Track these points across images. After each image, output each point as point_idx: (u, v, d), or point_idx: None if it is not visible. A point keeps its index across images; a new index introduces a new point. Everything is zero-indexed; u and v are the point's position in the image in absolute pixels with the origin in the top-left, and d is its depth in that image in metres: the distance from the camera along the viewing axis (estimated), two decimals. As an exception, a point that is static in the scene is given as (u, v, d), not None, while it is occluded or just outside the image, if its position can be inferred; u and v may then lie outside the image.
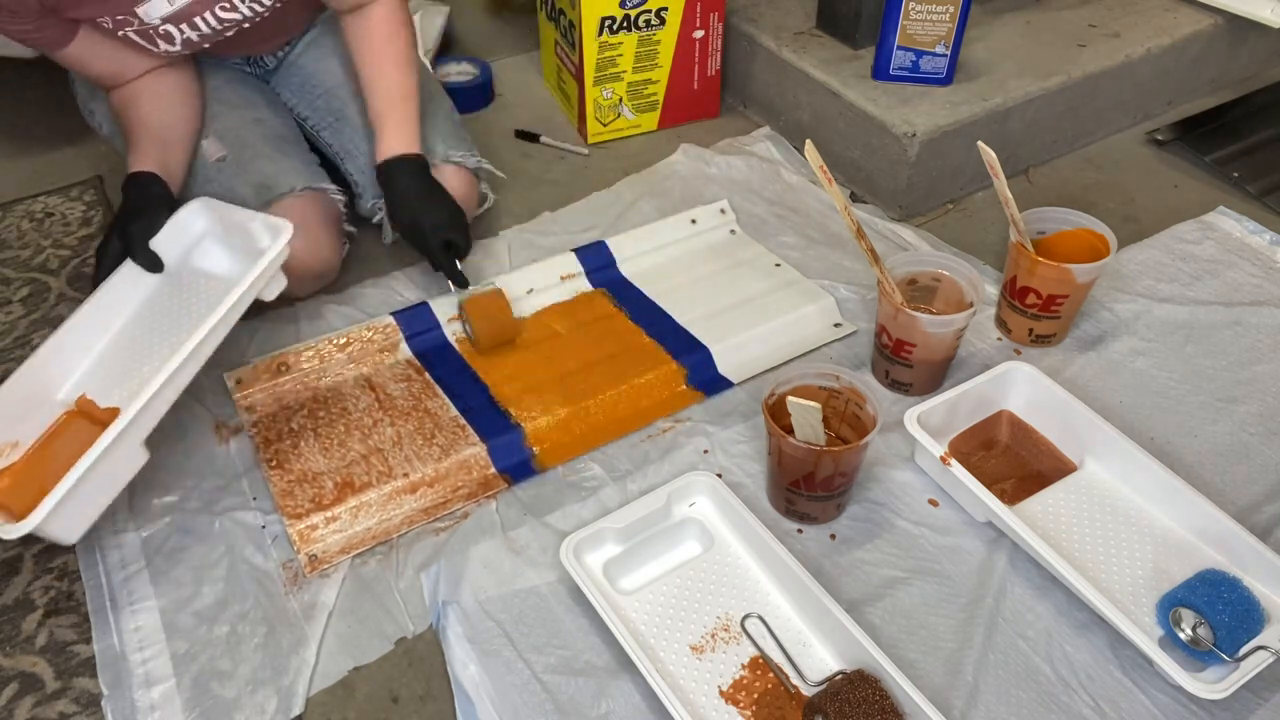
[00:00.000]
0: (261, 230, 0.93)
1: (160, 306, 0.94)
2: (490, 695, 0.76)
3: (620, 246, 1.16)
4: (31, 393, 0.86)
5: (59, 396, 0.88)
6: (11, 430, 0.83)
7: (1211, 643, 0.75)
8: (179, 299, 0.94)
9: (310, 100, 1.17)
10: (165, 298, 0.94)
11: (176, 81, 1.04)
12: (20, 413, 0.84)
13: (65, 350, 0.88)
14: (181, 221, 0.96)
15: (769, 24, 1.41)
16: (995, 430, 0.96)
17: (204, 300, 0.93)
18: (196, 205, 0.96)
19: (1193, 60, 1.42)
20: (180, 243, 0.96)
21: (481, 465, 0.94)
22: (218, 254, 0.97)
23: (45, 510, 0.73)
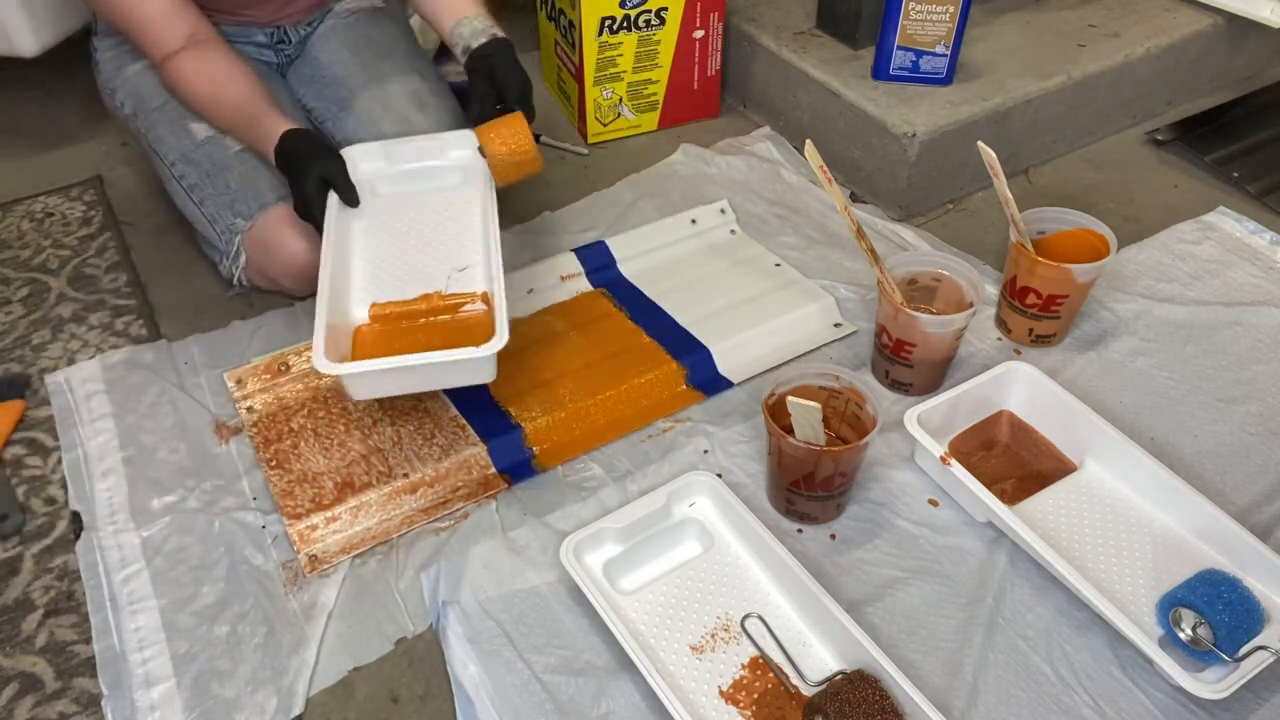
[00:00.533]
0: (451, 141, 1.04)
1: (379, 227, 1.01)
2: (490, 695, 0.76)
3: (620, 246, 1.16)
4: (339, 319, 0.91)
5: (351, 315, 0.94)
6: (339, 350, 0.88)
7: (1211, 643, 0.75)
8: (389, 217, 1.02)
9: (318, 89, 1.18)
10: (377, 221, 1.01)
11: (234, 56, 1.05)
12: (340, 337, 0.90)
13: (340, 277, 0.93)
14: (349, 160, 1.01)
15: (769, 24, 1.41)
16: (995, 430, 0.96)
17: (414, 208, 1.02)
18: (356, 148, 1.03)
19: (1193, 60, 1.42)
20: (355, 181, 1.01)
21: (481, 465, 0.94)
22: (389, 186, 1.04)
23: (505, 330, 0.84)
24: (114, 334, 1.09)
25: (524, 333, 1.07)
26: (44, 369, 1.05)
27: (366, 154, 1.03)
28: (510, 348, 1.04)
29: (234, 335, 1.08)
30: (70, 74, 1.15)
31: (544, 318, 1.09)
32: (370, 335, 0.93)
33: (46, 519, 0.91)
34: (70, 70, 1.17)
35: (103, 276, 1.18)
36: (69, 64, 1.22)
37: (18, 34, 1.32)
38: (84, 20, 1.38)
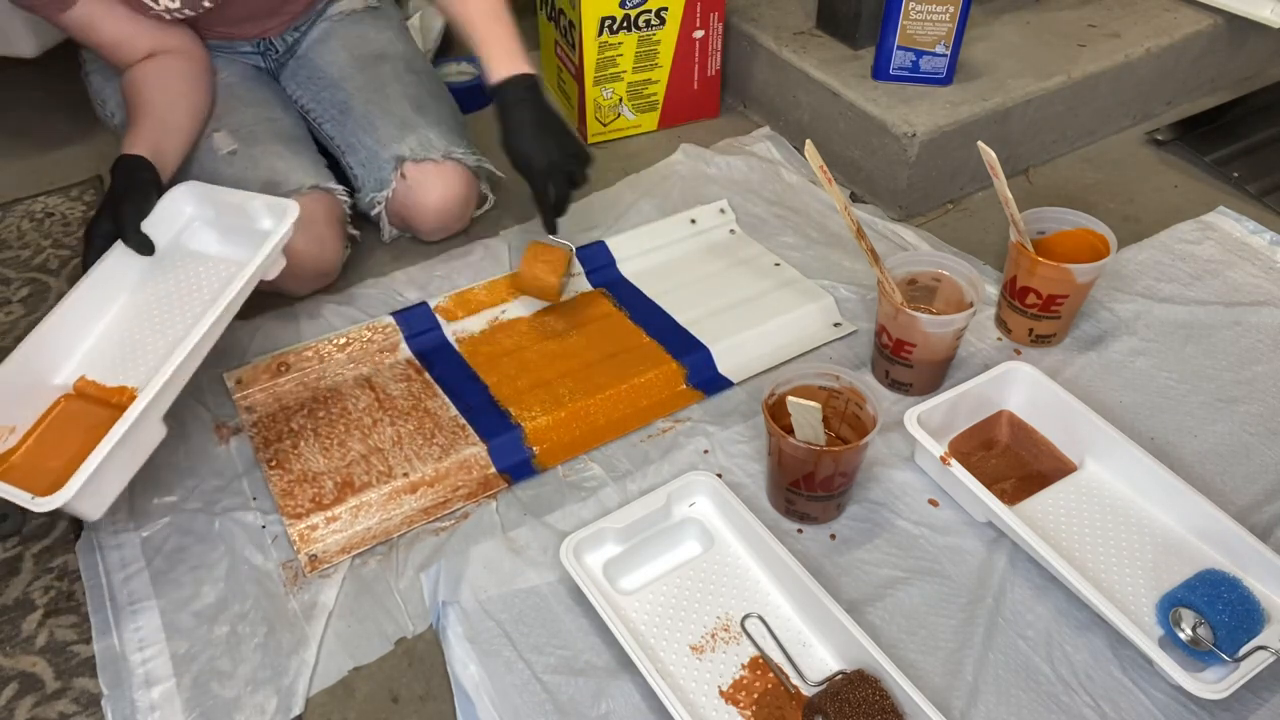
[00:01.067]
0: (262, 209, 0.94)
1: (155, 288, 0.94)
2: (490, 695, 0.76)
3: (620, 246, 1.16)
4: (27, 377, 0.85)
5: (56, 380, 0.88)
6: (8, 414, 0.83)
7: (1211, 643, 0.75)
8: (173, 280, 0.94)
9: (316, 93, 1.18)
10: (158, 279, 0.94)
11: (186, 70, 1.05)
12: (16, 397, 0.84)
13: (60, 334, 0.88)
14: (170, 204, 0.96)
15: (769, 24, 1.41)
16: (995, 430, 0.96)
17: (201, 281, 0.94)
18: (184, 188, 0.97)
19: (1193, 60, 1.42)
20: (169, 225, 0.96)
21: (481, 465, 0.94)
22: (208, 236, 0.97)
23: (78, 484, 0.73)
24: (114, 334, 1.09)
25: (524, 332, 1.07)
26: (44, 369, 1.05)
27: (195, 197, 0.97)
28: (510, 347, 1.05)
29: (233, 335, 1.08)
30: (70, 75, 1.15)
31: (544, 318, 1.09)
32: (69, 410, 0.85)
33: (46, 519, 0.91)
34: (70, 71, 1.18)
35: (103, 276, 1.18)
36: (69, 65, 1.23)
37: (18, 35, 1.32)
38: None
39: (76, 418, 0.85)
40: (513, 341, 1.06)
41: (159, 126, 0.99)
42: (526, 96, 1.01)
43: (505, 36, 1.03)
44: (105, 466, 0.76)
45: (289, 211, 0.92)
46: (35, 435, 0.84)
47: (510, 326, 1.08)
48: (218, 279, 0.93)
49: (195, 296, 0.92)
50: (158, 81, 1.02)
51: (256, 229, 0.94)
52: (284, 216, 0.92)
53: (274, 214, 0.94)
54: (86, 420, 0.84)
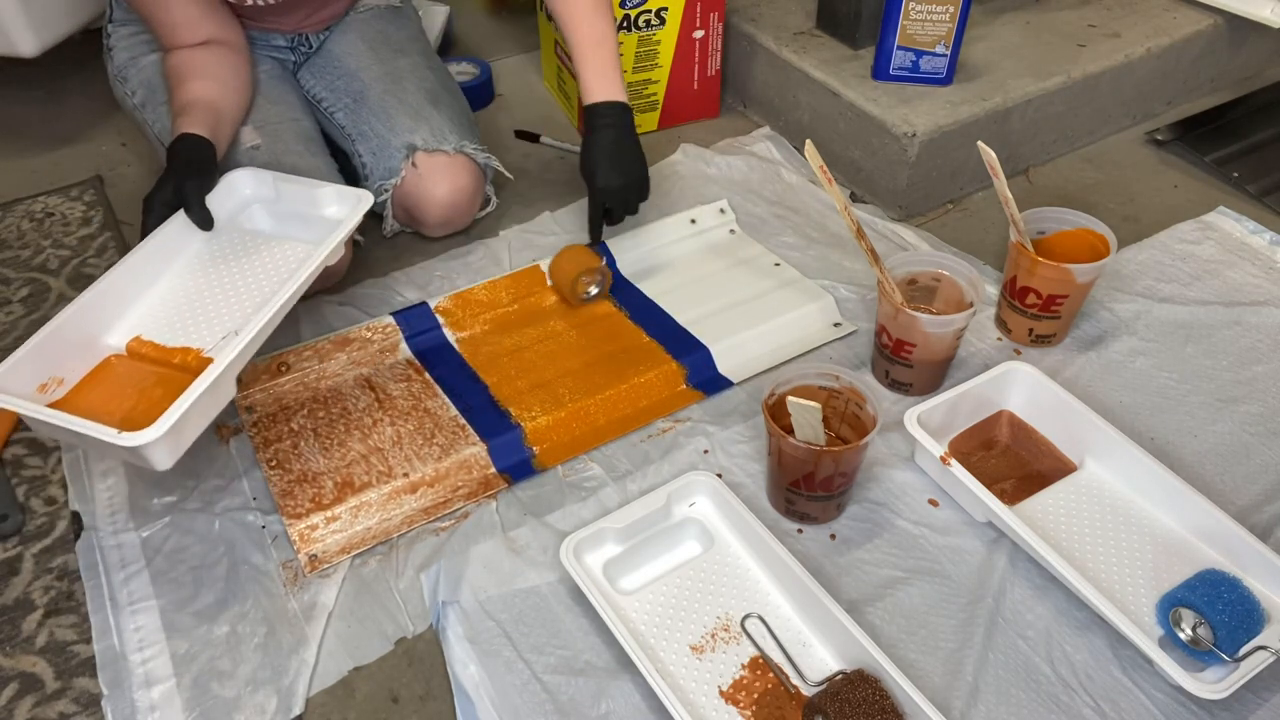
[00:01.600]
0: (331, 196, 0.98)
1: (213, 260, 0.95)
2: (490, 695, 0.76)
3: (620, 246, 1.16)
4: (79, 333, 0.86)
5: (108, 340, 0.88)
6: (58, 367, 0.84)
7: (1211, 643, 0.75)
8: (232, 255, 0.96)
9: (331, 81, 1.19)
10: (216, 253, 0.96)
11: (235, 63, 1.07)
12: (68, 350, 0.85)
13: (115, 294, 0.89)
14: (228, 184, 0.99)
15: (769, 24, 1.41)
16: (995, 430, 0.96)
17: (262, 256, 0.95)
18: (243, 172, 1.00)
19: (1193, 60, 1.42)
20: (226, 205, 0.98)
21: (481, 465, 0.94)
22: (264, 219, 1.00)
23: (168, 422, 0.74)
24: (114, 334, 1.09)
25: (524, 332, 1.07)
26: (44, 369, 1.05)
27: (256, 180, 1.00)
28: (510, 348, 1.05)
29: (234, 335, 1.08)
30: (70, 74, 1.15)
31: (544, 318, 1.09)
32: (117, 368, 0.87)
33: (46, 519, 0.91)
34: (70, 70, 1.17)
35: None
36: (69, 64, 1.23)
37: (18, 34, 1.32)
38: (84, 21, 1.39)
39: (128, 375, 0.86)
40: (513, 341, 1.06)
41: (214, 112, 1.01)
42: (615, 121, 1.07)
43: (606, 62, 1.07)
44: (190, 413, 0.77)
45: (362, 200, 0.96)
46: (84, 387, 0.84)
47: (510, 326, 1.08)
48: (279, 256, 0.95)
49: (257, 270, 0.94)
50: (214, 70, 1.04)
51: (319, 215, 0.98)
52: (357, 205, 0.96)
53: (343, 202, 0.98)
54: (139, 378, 0.85)
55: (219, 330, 0.89)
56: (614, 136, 1.06)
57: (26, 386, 0.80)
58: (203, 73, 1.03)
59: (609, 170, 1.06)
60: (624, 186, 1.07)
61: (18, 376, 0.79)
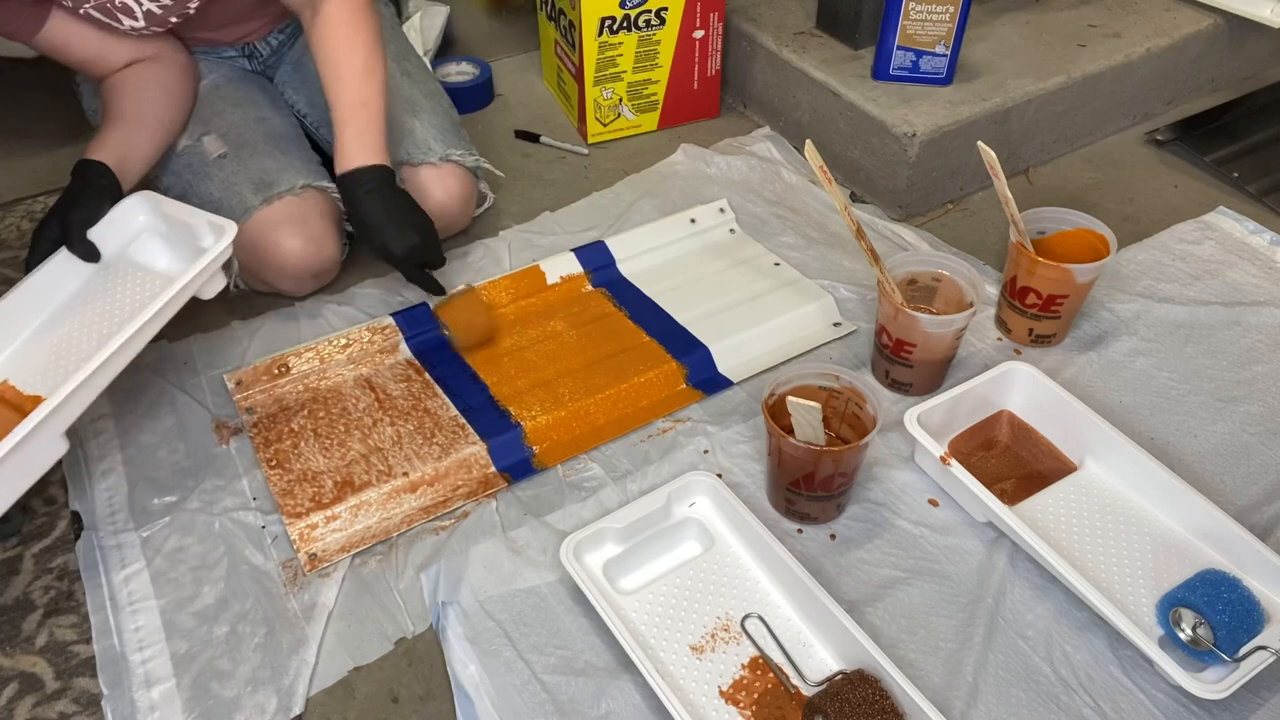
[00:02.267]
0: (205, 228, 0.93)
1: (93, 297, 0.93)
2: (490, 695, 0.76)
3: (620, 246, 1.16)
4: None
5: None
6: None
7: (1211, 643, 0.75)
8: (113, 291, 0.93)
9: (310, 96, 1.18)
10: (99, 289, 0.93)
11: (161, 77, 1.05)
12: None
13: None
14: (122, 214, 0.95)
15: (769, 24, 1.41)
16: (995, 430, 0.96)
17: (138, 294, 0.93)
18: (137, 199, 0.96)
19: (1193, 60, 1.42)
20: (119, 235, 0.95)
21: (481, 464, 0.94)
22: (156, 249, 0.96)
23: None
24: (114, 334, 1.09)
25: (524, 332, 1.07)
26: (44, 369, 1.05)
27: (147, 208, 0.96)
28: (510, 348, 1.05)
29: (233, 336, 1.08)
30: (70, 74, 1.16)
31: (544, 318, 1.09)
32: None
33: (46, 519, 0.91)
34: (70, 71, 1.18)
35: (103, 276, 1.18)
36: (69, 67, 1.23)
37: (17, 34, 1.32)
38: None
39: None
40: (512, 341, 1.06)
41: (126, 135, 0.99)
42: (373, 184, 0.98)
43: (369, 125, 0.98)
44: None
45: (226, 231, 0.90)
46: None
47: (510, 326, 1.08)
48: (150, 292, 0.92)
49: (128, 310, 0.90)
50: (132, 90, 1.02)
51: (200, 246, 0.93)
52: (222, 236, 0.90)
53: (214, 232, 0.92)
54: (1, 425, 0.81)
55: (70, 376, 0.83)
56: (385, 196, 0.98)
57: None
58: (121, 94, 1.02)
59: (399, 229, 0.98)
60: (421, 230, 1.00)
61: None
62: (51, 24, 0.97)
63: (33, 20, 0.96)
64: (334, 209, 1.11)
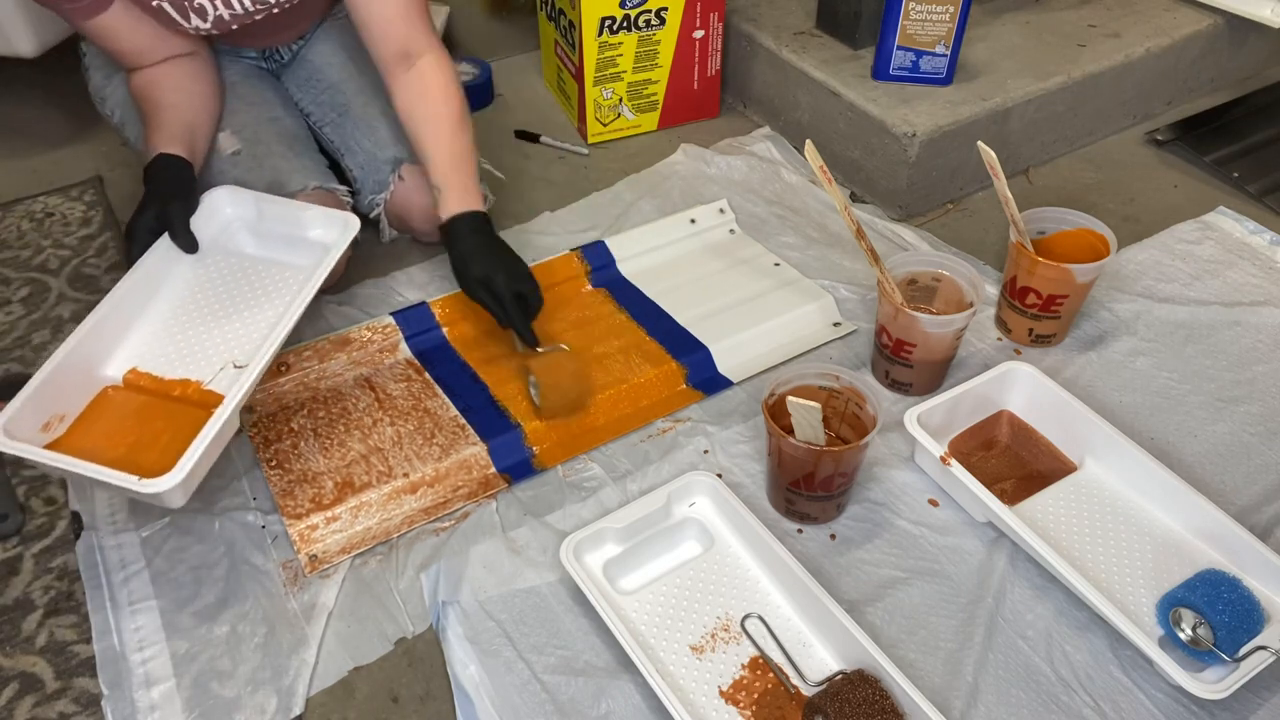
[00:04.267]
0: (319, 219, 0.97)
1: (201, 285, 0.95)
2: (490, 695, 0.76)
3: (620, 246, 1.16)
4: (78, 368, 0.86)
5: (104, 372, 0.89)
6: (59, 404, 0.84)
7: (1211, 643, 0.75)
8: (219, 279, 0.96)
9: (315, 95, 1.18)
10: (203, 277, 0.96)
11: (199, 71, 1.06)
12: (67, 387, 0.85)
13: (109, 326, 0.89)
14: (211, 204, 0.98)
15: (769, 24, 1.41)
16: (995, 430, 0.96)
17: (250, 280, 0.96)
18: (223, 191, 0.99)
19: (1193, 60, 1.42)
20: (209, 226, 0.98)
21: (481, 465, 0.94)
22: (245, 239, 1.00)
23: (186, 468, 0.75)
24: (114, 334, 1.09)
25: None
26: (44, 369, 1.05)
27: (235, 199, 0.99)
28: (510, 347, 1.05)
29: (234, 335, 1.08)
30: (70, 74, 1.15)
31: (544, 318, 1.09)
32: (115, 400, 0.87)
33: (46, 519, 0.91)
34: (70, 70, 1.18)
35: (103, 276, 1.18)
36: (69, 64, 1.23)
37: (17, 34, 1.32)
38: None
39: (127, 407, 0.87)
40: (512, 341, 1.06)
41: (187, 127, 1.00)
42: (478, 225, 0.99)
43: (470, 177, 1.01)
44: (203, 455, 0.78)
45: (349, 224, 0.96)
46: (85, 422, 0.85)
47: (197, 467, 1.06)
48: (269, 280, 0.96)
49: (248, 296, 0.94)
50: (178, 84, 1.03)
51: (303, 237, 0.97)
52: (345, 229, 0.95)
53: (330, 225, 0.97)
54: (138, 410, 0.86)
55: (215, 360, 0.89)
56: (491, 236, 1.00)
57: (32, 428, 0.80)
58: (170, 88, 1.02)
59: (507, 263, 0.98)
60: (525, 270, 1.00)
61: (23, 420, 0.79)
62: (114, 9, 0.96)
63: (99, 3, 0.95)
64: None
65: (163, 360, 0.90)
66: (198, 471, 0.78)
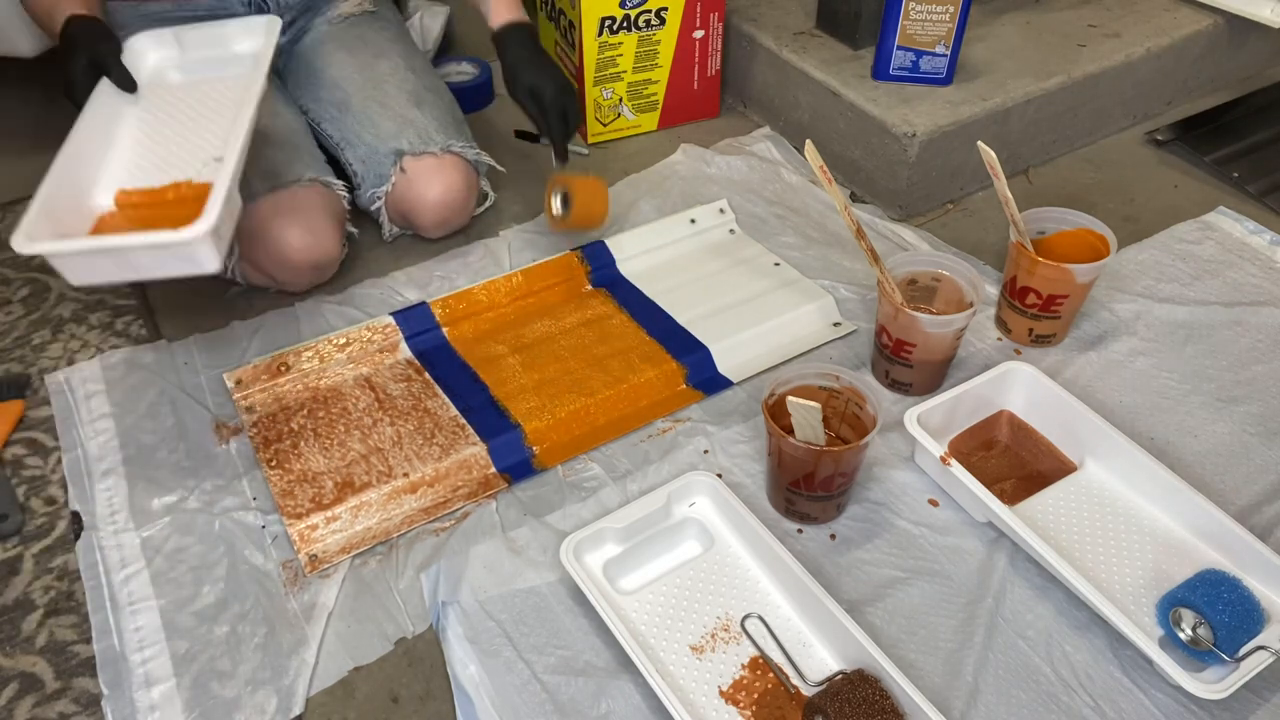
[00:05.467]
0: (240, 29, 1.02)
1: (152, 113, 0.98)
2: (490, 695, 0.76)
3: (620, 246, 1.16)
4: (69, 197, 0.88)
5: (95, 201, 0.91)
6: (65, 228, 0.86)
7: (1211, 643, 0.75)
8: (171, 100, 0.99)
9: (314, 92, 1.18)
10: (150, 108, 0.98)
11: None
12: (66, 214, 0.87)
13: (83, 158, 0.91)
14: (134, 50, 1.01)
15: (769, 24, 1.41)
16: (995, 430, 0.96)
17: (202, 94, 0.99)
18: (144, 35, 1.02)
19: (1193, 60, 1.42)
20: (138, 73, 0.99)
21: (481, 465, 0.94)
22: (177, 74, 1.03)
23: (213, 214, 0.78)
24: (114, 334, 1.09)
25: (524, 332, 1.07)
26: (44, 369, 1.05)
27: (156, 41, 1.02)
28: (510, 347, 1.05)
29: (234, 335, 1.08)
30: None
31: (544, 318, 1.09)
32: (114, 223, 0.90)
33: (46, 519, 0.91)
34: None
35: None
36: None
37: (18, 34, 1.32)
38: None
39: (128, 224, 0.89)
40: (512, 341, 1.06)
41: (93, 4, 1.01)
42: (526, 37, 1.09)
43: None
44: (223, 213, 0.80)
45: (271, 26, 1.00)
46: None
47: (510, 326, 1.08)
48: (215, 91, 0.98)
49: (200, 107, 0.97)
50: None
51: (231, 53, 1.01)
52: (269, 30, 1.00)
53: (252, 32, 1.01)
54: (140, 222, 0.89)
55: (193, 161, 0.92)
56: (538, 49, 1.10)
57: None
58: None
59: (553, 75, 1.08)
60: (570, 90, 1.09)
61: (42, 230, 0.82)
62: None
63: None
64: (338, 205, 1.11)
65: (144, 175, 0.92)
66: (221, 231, 0.80)
